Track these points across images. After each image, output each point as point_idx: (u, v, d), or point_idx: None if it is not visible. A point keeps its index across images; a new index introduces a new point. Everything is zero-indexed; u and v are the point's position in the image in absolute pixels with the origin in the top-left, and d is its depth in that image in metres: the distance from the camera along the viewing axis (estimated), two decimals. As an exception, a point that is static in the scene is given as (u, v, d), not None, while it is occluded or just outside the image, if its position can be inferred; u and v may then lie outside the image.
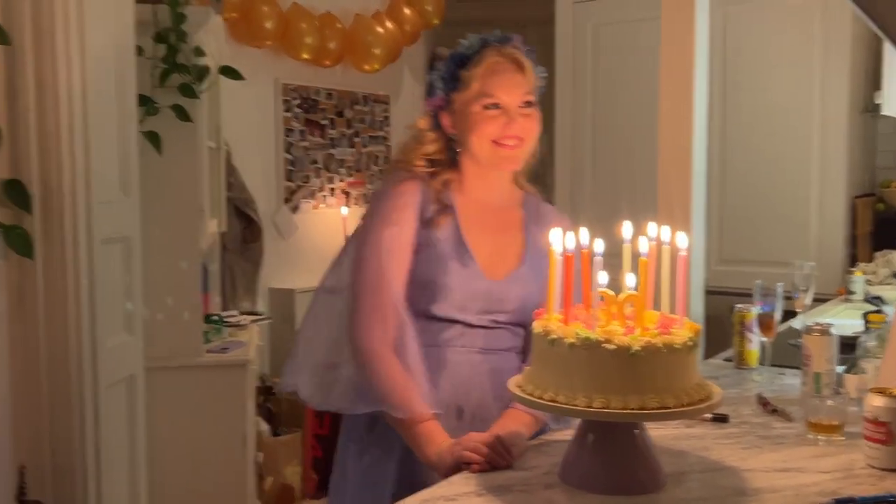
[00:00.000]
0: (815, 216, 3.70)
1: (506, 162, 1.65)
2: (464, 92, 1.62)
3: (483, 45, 1.63)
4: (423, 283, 1.63)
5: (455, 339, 1.64)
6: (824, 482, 1.35)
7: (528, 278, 1.66)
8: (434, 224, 1.64)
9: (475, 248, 1.65)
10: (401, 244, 1.62)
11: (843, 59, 3.60)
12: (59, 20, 2.11)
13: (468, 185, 1.69)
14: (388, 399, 1.54)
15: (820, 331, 1.78)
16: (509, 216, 1.72)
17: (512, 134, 1.61)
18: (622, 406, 1.22)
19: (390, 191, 1.66)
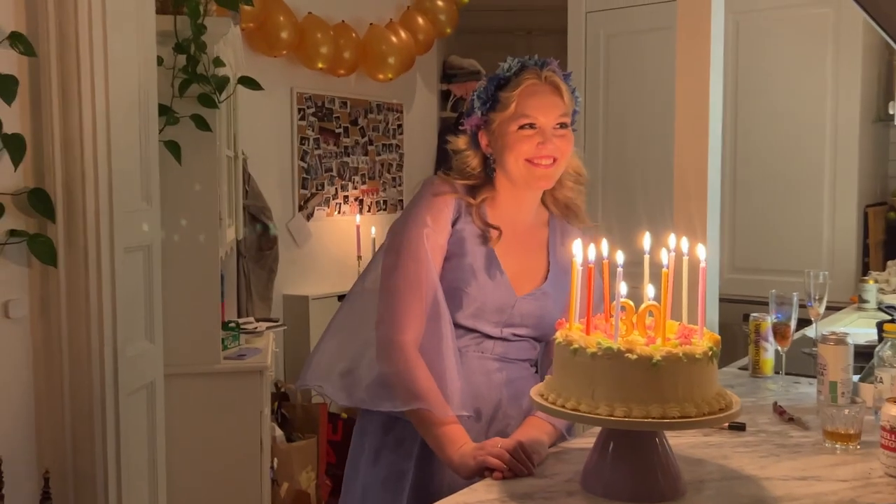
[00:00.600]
0: (828, 225, 3.72)
1: (540, 180, 1.69)
2: (501, 112, 1.68)
3: (522, 68, 1.69)
4: (451, 291, 1.67)
5: (471, 345, 1.69)
6: (842, 491, 1.36)
7: (549, 296, 1.72)
8: (467, 235, 1.69)
9: (505, 264, 1.70)
10: (435, 247, 1.67)
11: (854, 69, 3.62)
12: (83, 31, 2.14)
13: (501, 203, 1.74)
14: (418, 397, 1.57)
15: (835, 340, 1.80)
16: (536, 235, 1.78)
17: (546, 153, 1.66)
18: (644, 415, 1.24)
19: (427, 197, 1.71)
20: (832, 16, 3.62)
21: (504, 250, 1.71)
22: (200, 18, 2.61)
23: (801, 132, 3.73)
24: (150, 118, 2.44)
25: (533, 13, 5.07)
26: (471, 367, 1.67)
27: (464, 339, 1.68)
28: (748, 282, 3.54)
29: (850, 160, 3.67)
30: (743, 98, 3.81)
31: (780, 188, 3.79)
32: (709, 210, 2.18)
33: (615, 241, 1.38)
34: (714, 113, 2.22)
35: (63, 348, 2.18)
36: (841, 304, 3.26)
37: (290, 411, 3.88)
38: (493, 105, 1.69)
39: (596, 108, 4.17)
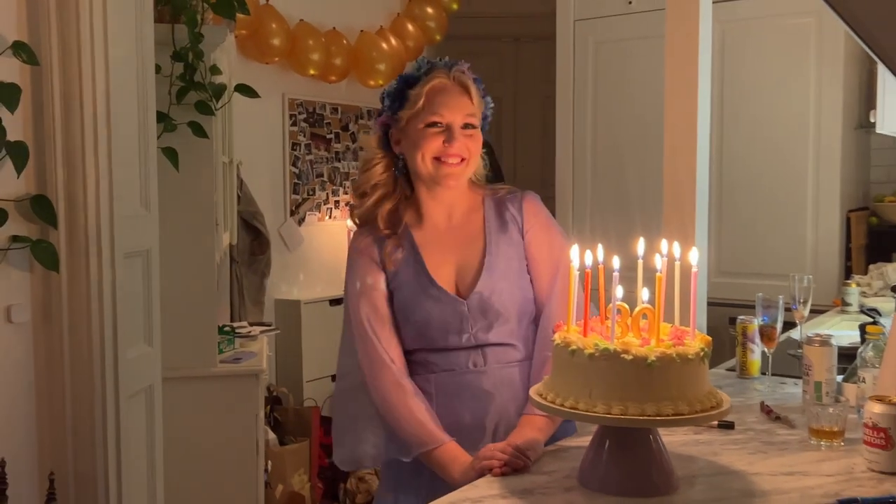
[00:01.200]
0: (811, 229, 3.79)
1: (448, 179, 1.71)
2: (409, 109, 1.69)
3: (431, 68, 1.71)
4: (412, 324, 1.72)
5: (467, 361, 1.71)
6: (828, 485, 1.42)
7: (495, 285, 1.71)
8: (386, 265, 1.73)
9: (441, 274, 1.72)
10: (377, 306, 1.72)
11: (836, 77, 3.70)
12: (84, 40, 2.18)
13: (424, 208, 1.75)
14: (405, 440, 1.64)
15: (820, 342, 1.86)
16: (470, 228, 1.77)
17: (454, 152, 1.68)
18: (639, 413, 1.29)
19: (354, 259, 1.76)
20: (815, 25, 3.70)
21: (438, 257, 1.73)
22: (198, 27, 2.65)
23: (785, 139, 3.81)
24: (149, 126, 2.48)
25: (521, 20, 5.13)
26: (466, 387, 1.70)
27: (454, 359, 1.71)
28: (734, 286, 3.60)
29: (832, 166, 3.75)
30: (728, 105, 3.88)
31: (765, 194, 3.86)
32: (697, 215, 2.24)
33: (613, 246, 1.43)
34: (702, 120, 2.28)
35: (64, 352, 2.21)
36: (824, 307, 3.33)
37: (282, 415, 3.92)
38: (401, 103, 1.71)
39: (584, 115, 4.24)
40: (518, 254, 1.76)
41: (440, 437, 1.62)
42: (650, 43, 3.80)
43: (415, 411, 1.64)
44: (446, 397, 1.70)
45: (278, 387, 4.05)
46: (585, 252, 1.41)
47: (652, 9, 3.83)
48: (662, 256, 1.39)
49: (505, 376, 1.72)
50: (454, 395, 1.70)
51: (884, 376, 1.67)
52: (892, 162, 4.13)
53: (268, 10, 4.05)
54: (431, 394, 1.70)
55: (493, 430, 1.69)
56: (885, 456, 1.47)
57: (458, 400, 1.70)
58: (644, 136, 3.95)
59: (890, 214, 3.98)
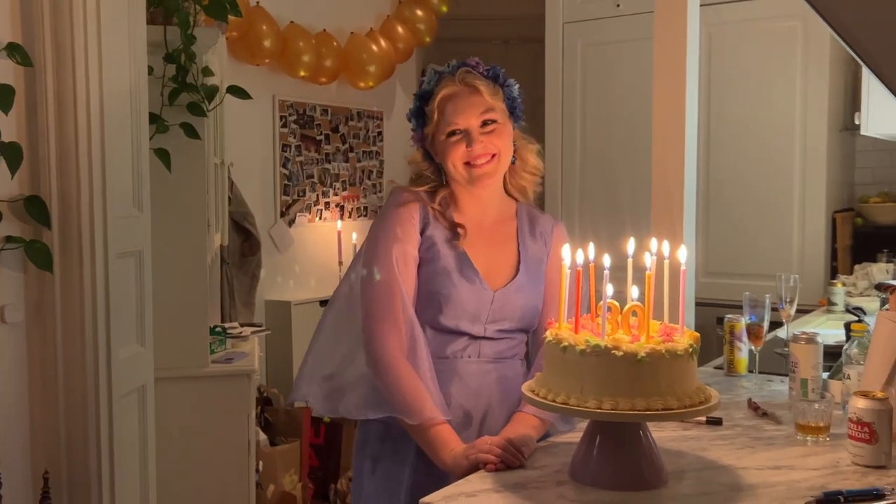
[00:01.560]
0: (797, 230, 3.84)
1: (482, 179, 1.74)
2: (431, 125, 1.74)
3: (439, 79, 1.75)
4: (430, 296, 1.72)
5: (465, 349, 1.74)
6: (813, 478, 1.45)
7: (525, 286, 1.77)
8: (437, 240, 1.74)
9: (476, 262, 1.75)
10: (407, 259, 1.72)
11: (822, 80, 3.75)
12: (78, 42, 2.19)
13: (462, 203, 1.79)
14: (403, 405, 1.63)
15: (806, 339, 1.90)
16: (504, 229, 1.82)
17: (478, 153, 1.71)
18: (629, 407, 1.32)
19: (393, 209, 1.76)
20: (800, 28, 3.75)
21: (474, 248, 1.76)
22: (190, 29, 2.66)
23: (771, 141, 3.85)
24: (142, 127, 2.49)
25: (510, 23, 5.16)
26: (460, 373, 1.73)
27: (457, 344, 1.74)
28: (721, 286, 3.64)
29: (818, 168, 3.80)
30: (715, 107, 3.92)
31: (752, 195, 3.91)
32: (685, 215, 2.27)
33: (602, 246, 1.46)
34: (690, 121, 2.32)
35: (58, 351, 2.22)
36: (810, 306, 3.37)
37: (273, 415, 3.93)
38: (423, 120, 1.76)
39: (573, 116, 4.27)
40: (541, 267, 1.81)
41: (437, 416, 1.62)
42: (638, 45, 3.83)
43: (417, 379, 1.65)
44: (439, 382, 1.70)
45: (269, 388, 4.06)
46: (577, 251, 1.43)
47: (640, 11, 3.87)
48: (652, 255, 1.42)
49: (495, 371, 1.75)
50: (446, 382, 1.72)
51: (868, 373, 1.70)
52: (876, 163, 4.19)
53: (258, 12, 4.06)
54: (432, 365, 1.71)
55: (480, 422, 1.72)
56: (870, 450, 1.50)
57: (450, 387, 1.72)
58: (632, 138, 3.99)
59: (875, 215, 4.03)
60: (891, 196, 4.07)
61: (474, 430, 1.71)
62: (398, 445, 1.72)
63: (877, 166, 4.19)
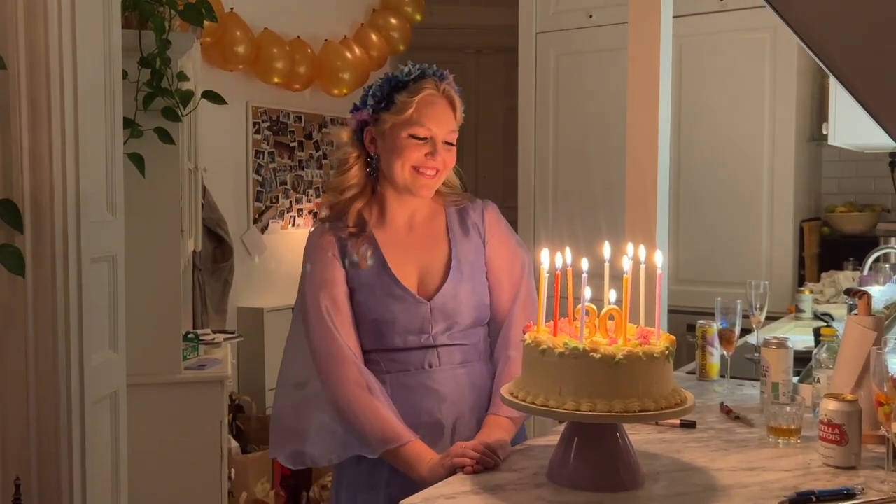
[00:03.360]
0: (766, 239, 3.90)
1: (423, 189, 1.74)
2: (395, 115, 1.70)
3: (422, 76, 1.72)
4: (371, 323, 1.72)
5: (423, 360, 1.73)
6: (786, 479, 1.48)
7: (460, 287, 1.75)
8: (357, 263, 1.73)
9: (404, 275, 1.74)
10: (339, 302, 1.71)
11: (790, 91, 3.82)
12: (52, 45, 2.16)
13: (389, 211, 1.77)
14: (369, 439, 1.64)
15: (777, 344, 1.93)
16: (433, 230, 1.80)
17: (433, 164, 1.71)
18: (607, 409, 1.34)
19: (311, 253, 1.76)
20: (769, 40, 3.81)
21: (401, 258, 1.75)
22: (165, 34, 2.65)
23: (740, 151, 3.91)
24: (116, 131, 2.47)
25: (484, 32, 5.21)
26: (423, 385, 1.72)
27: (409, 359, 1.73)
28: (692, 293, 3.69)
29: (786, 177, 3.86)
30: (686, 117, 3.97)
31: (721, 204, 3.96)
32: (658, 223, 2.30)
33: (577, 251, 1.48)
34: (663, 130, 2.35)
35: (29, 357, 2.19)
36: (779, 313, 3.42)
37: (244, 423, 3.91)
38: (387, 105, 1.71)
39: (546, 125, 4.30)
40: (479, 259, 1.80)
41: (405, 435, 1.63)
42: (611, 56, 3.88)
43: (379, 409, 1.65)
44: (402, 398, 1.71)
45: (241, 395, 4.04)
46: (556, 255, 1.45)
47: (612, 22, 3.91)
48: (629, 259, 1.44)
49: (457, 376, 1.75)
50: (409, 396, 1.72)
51: (837, 376, 1.74)
52: (842, 173, 4.27)
53: (232, 18, 4.05)
54: (387, 394, 1.71)
55: (452, 429, 1.72)
56: (840, 451, 1.54)
57: (414, 400, 1.72)
58: (606, 147, 4.03)
59: (841, 224, 4.11)
60: (856, 206, 4.15)
61: (447, 439, 1.71)
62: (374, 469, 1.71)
63: (843, 176, 4.28)
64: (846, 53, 1.98)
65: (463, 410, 1.74)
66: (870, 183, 4.23)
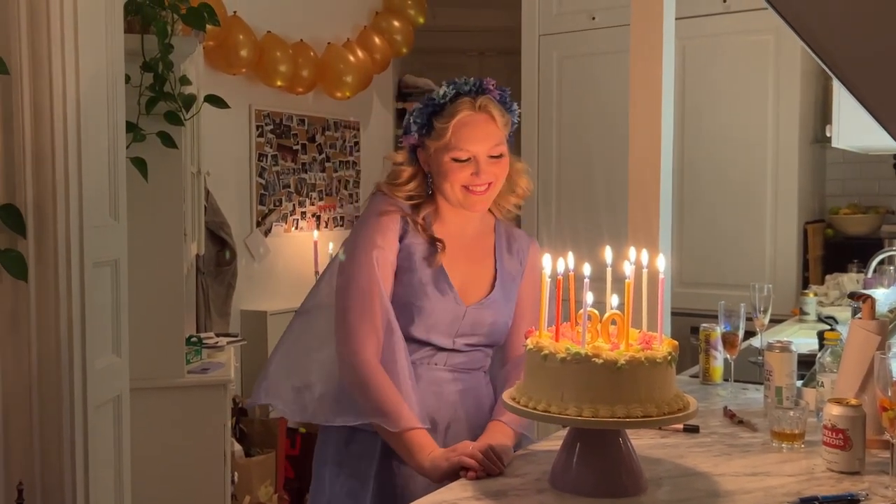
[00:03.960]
0: (770, 241, 3.89)
1: (476, 205, 1.75)
2: (436, 141, 1.71)
3: (456, 96, 1.72)
4: (404, 306, 1.72)
5: (425, 358, 1.74)
6: (789, 484, 1.48)
7: (498, 303, 1.78)
8: (417, 252, 1.74)
9: (452, 276, 1.75)
10: (387, 264, 1.71)
11: (793, 93, 3.81)
12: (55, 50, 2.17)
13: (445, 217, 1.79)
14: (381, 411, 1.62)
15: (780, 348, 1.92)
16: (482, 244, 1.83)
17: (480, 182, 1.71)
18: (610, 415, 1.33)
19: (374, 217, 1.75)
20: (773, 42, 3.81)
21: (451, 262, 1.76)
22: (168, 38, 2.65)
23: (744, 153, 3.90)
24: (119, 135, 2.47)
25: (487, 35, 5.20)
26: (425, 379, 1.73)
27: (418, 353, 1.74)
28: (695, 296, 3.67)
29: (790, 180, 3.85)
30: (689, 120, 3.96)
31: (725, 206, 3.95)
32: (661, 226, 2.30)
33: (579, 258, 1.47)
34: (665, 133, 2.34)
35: (32, 361, 2.19)
36: (783, 316, 3.41)
37: (248, 426, 3.90)
38: (427, 131, 1.72)
39: (549, 128, 4.30)
40: (515, 285, 1.83)
41: (415, 423, 1.62)
42: (614, 58, 3.87)
43: (401, 384, 1.64)
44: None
45: (244, 398, 4.04)
46: (558, 259, 1.45)
47: (615, 24, 3.91)
48: (631, 263, 1.44)
49: (461, 382, 1.76)
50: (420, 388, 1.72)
51: (841, 380, 1.73)
52: (846, 175, 4.26)
53: (235, 21, 4.05)
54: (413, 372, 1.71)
55: (445, 429, 1.72)
56: (844, 456, 1.53)
57: (422, 394, 1.71)
58: (609, 150, 4.02)
59: (845, 226, 4.10)
60: (860, 207, 4.14)
61: (439, 439, 1.70)
62: (362, 451, 1.71)
63: (847, 178, 4.26)
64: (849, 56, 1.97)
65: (458, 414, 1.75)
66: (874, 185, 4.22)
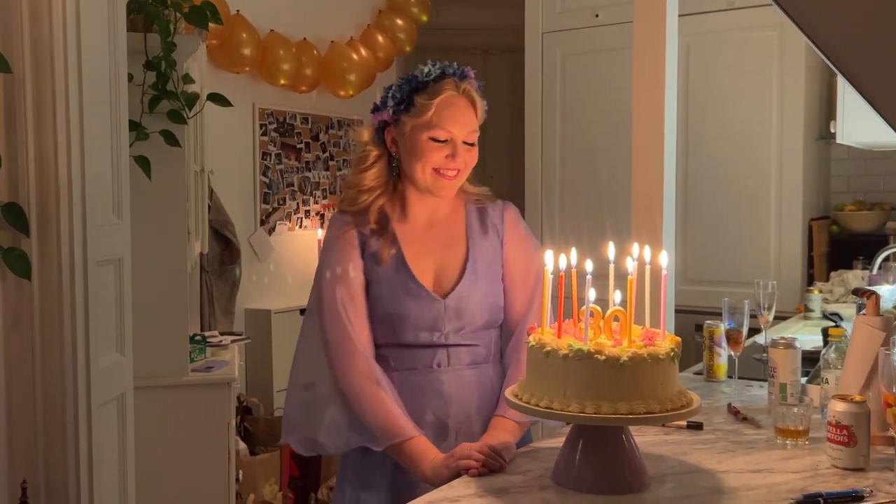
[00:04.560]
0: (774, 238, 3.88)
1: (443, 190, 1.74)
2: (415, 117, 1.69)
3: (441, 76, 1.71)
4: (384, 317, 1.72)
5: (433, 359, 1.73)
6: (793, 481, 1.47)
7: (475, 287, 1.74)
8: (378, 259, 1.72)
9: (421, 272, 1.73)
10: (353, 293, 1.71)
11: (798, 89, 3.80)
12: (57, 48, 2.17)
13: (410, 208, 1.77)
14: (375, 431, 1.63)
15: (785, 344, 1.92)
16: (452, 229, 1.80)
17: (453, 166, 1.70)
18: (612, 411, 1.33)
19: (330, 241, 1.76)
20: (777, 39, 3.80)
21: (420, 254, 1.74)
22: (171, 36, 2.65)
23: (749, 149, 3.89)
24: (122, 134, 2.47)
25: (490, 32, 5.19)
26: (434, 381, 1.72)
27: (419, 357, 1.72)
28: (700, 293, 3.67)
29: (794, 176, 3.84)
30: (693, 116, 3.96)
31: (729, 203, 3.94)
32: (665, 223, 2.29)
33: (582, 254, 1.47)
34: (669, 130, 2.34)
35: (36, 360, 2.20)
36: (788, 313, 3.41)
37: (252, 425, 3.91)
38: (406, 107, 1.70)
39: (553, 125, 4.30)
40: (496, 260, 1.79)
41: (410, 431, 1.62)
42: (617, 55, 3.87)
43: (385, 402, 1.64)
44: (409, 395, 1.70)
45: (249, 397, 4.04)
46: (560, 256, 1.44)
47: (619, 21, 3.90)
48: (633, 260, 1.43)
49: (466, 377, 1.74)
50: (416, 394, 1.71)
51: (846, 377, 1.72)
52: (851, 172, 4.25)
53: (238, 20, 4.06)
54: (395, 389, 1.70)
55: (457, 430, 1.71)
56: (848, 452, 1.52)
57: (421, 399, 1.71)
58: (612, 147, 4.02)
59: (850, 223, 4.08)
60: (865, 204, 4.13)
61: (451, 439, 1.70)
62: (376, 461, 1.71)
63: (852, 175, 4.25)
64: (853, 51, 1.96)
65: (469, 412, 1.73)
66: (879, 181, 4.21)
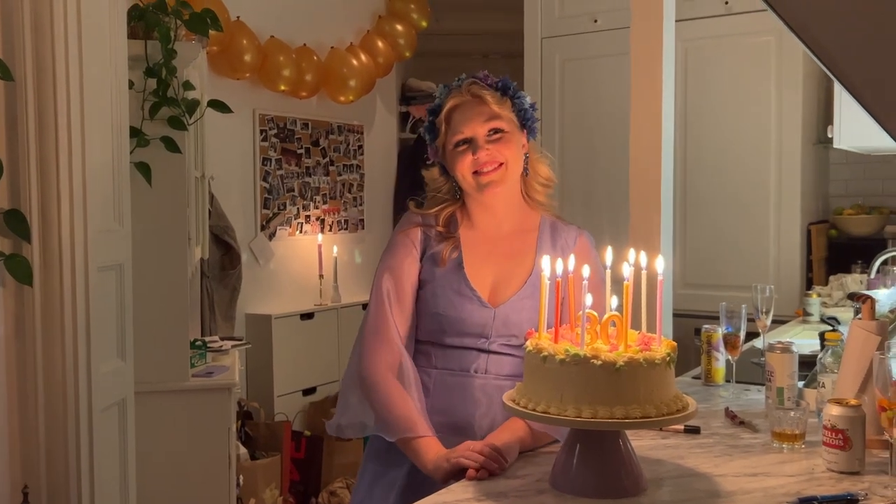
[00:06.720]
0: (773, 242, 3.89)
1: (489, 187, 1.76)
2: (440, 137, 1.78)
3: (448, 92, 1.79)
4: (433, 316, 1.76)
5: (473, 363, 1.75)
6: (789, 485, 1.48)
7: (530, 299, 1.75)
8: (438, 260, 1.78)
9: (478, 278, 1.77)
10: (400, 288, 1.77)
11: (796, 94, 3.81)
12: (59, 56, 2.19)
13: (475, 218, 1.83)
14: (386, 421, 1.66)
15: (782, 349, 1.93)
16: (521, 241, 1.82)
17: (484, 161, 1.74)
18: (609, 416, 1.34)
19: (395, 236, 1.84)
20: (774, 44, 3.81)
21: (479, 263, 1.78)
22: (171, 43, 2.67)
23: (747, 154, 3.91)
24: (123, 141, 2.49)
25: (490, 38, 5.21)
26: (468, 386, 1.74)
27: (460, 359, 1.75)
28: (699, 297, 3.68)
29: (793, 181, 3.86)
30: (691, 122, 3.97)
31: (728, 207, 3.96)
32: (662, 228, 2.30)
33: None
34: (667, 135, 2.35)
35: (37, 366, 2.21)
36: (786, 317, 3.42)
37: (253, 429, 3.92)
38: (435, 134, 1.80)
39: (552, 130, 4.31)
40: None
41: (423, 429, 1.64)
42: (616, 60, 3.88)
43: (404, 395, 1.68)
44: (443, 395, 1.74)
45: (249, 401, 4.05)
46: (556, 261, 1.46)
47: (617, 27, 3.91)
48: (630, 265, 1.45)
49: (498, 387, 1.74)
50: (449, 395, 1.74)
51: (842, 381, 1.73)
52: (849, 176, 4.26)
53: (239, 26, 4.07)
54: (429, 388, 1.75)
55: (480, 438, 1.71)
56: (843, 456, 1.53)
57: (455, 400, 1.74)
58: (611, 151, 4.03)
59: (849, 227, 4.10)
60: (864, 208, 4.14)
61: None
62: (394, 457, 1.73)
63: (850, 178, 4.26)
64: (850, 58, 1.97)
65: (495, 421, 1.73)
66: (878, 185, 4.22)
